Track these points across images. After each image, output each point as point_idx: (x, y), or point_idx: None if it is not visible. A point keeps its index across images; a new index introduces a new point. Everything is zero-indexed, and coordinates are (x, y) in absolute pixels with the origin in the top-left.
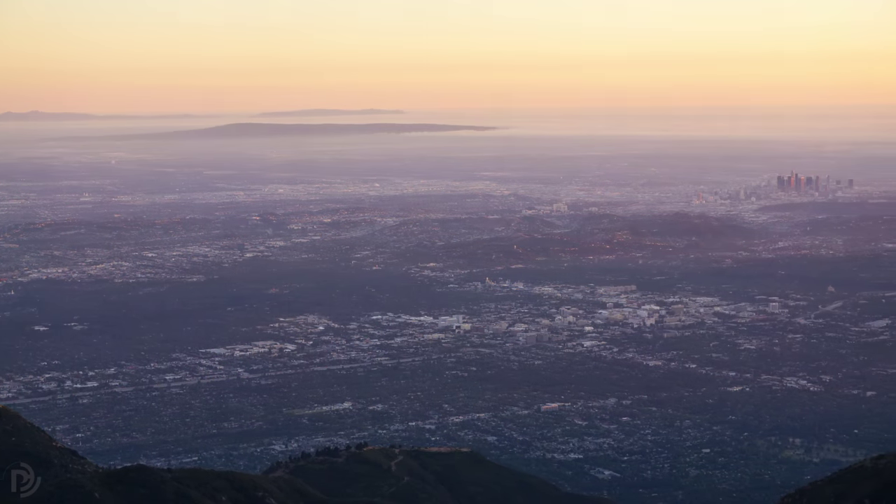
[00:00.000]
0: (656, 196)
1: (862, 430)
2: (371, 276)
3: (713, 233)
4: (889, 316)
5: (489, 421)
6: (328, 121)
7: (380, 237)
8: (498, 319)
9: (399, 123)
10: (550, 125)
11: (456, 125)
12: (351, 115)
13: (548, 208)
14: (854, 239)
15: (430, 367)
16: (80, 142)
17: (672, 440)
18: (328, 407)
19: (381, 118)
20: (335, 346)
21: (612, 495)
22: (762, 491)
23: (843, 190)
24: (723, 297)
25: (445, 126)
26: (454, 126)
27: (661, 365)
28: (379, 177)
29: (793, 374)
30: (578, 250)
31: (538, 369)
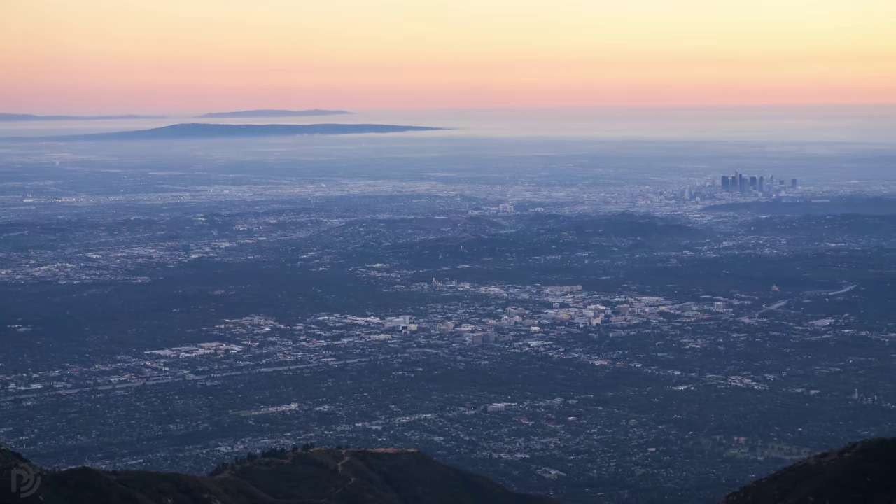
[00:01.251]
0: (602, 196)
1: (806, 429)
2: (317, 277)
3: (658, 233)
4: (832, 315)
5: (436, 421)
6: (273, 122)
7: (326, 238)
8: (444, 320)
9: (345, 124)
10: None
11: (402, 125)
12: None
13: (494, 209)
14: (797, 238)
15: (376, 368)
16: (22, 143)
17: (618, 439)
18: (274, 408)
19: (326, 119)
20: (281, 348)
21: (558, 495)
22: (707, 489)
23: (786, 190)
24: (668, 296)
25: (391, 126)
26: (400, 126)
27: (606, 364)
28: (325, 177)
29: (737, 372)
30: (525, 250)
31: (485, 369)
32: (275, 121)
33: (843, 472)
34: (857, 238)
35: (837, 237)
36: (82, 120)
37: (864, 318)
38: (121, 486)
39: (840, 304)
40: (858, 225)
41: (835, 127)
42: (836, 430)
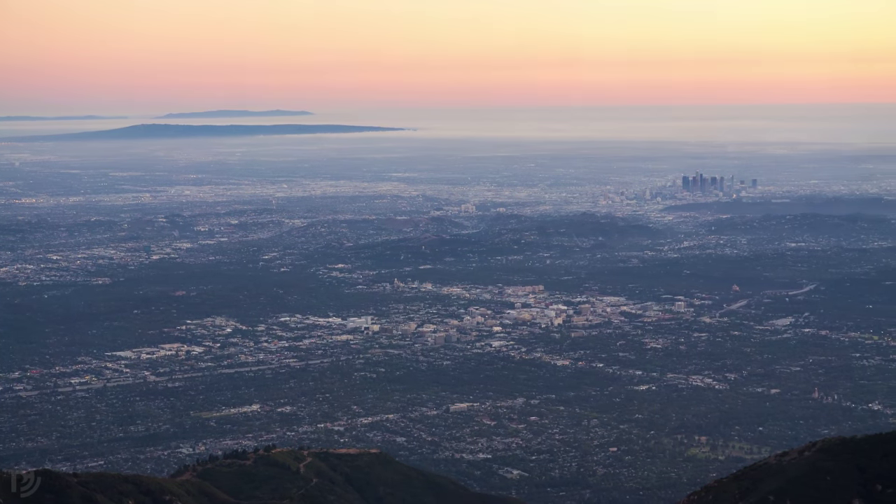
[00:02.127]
0: (563, 196)
1: (766, 428)
2: (279, 278)
3: (619, 233)
4: (792, 314)
5: (398, 422)
6: (235, 122)
7: (287, 238)
8: (406, 320)
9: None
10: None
11: (364, 126)
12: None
13: (456, 209)
14: (758, 238)
15: (338, 369)
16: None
17: (579, 439)
18: (236, 409)
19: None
20: (243, 349)
21: (520, 495)
22: (668, 489)
23: (746, 190)
24: (629, 296)
25: (353, 127)
26: (362, 127)
27: (568, 364)
28: (287, 178)
29: (698, 372)
30: (486, 251)
31: (447, 370)
32: (236, 121)
33: (804, 470)
34: (816, 238)
35: (797, 237)
36: (42, 121)
37: (824, 317)
38: (81, 488)
39: (800, 304)
40: (818, 225)
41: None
42: (797, 429)
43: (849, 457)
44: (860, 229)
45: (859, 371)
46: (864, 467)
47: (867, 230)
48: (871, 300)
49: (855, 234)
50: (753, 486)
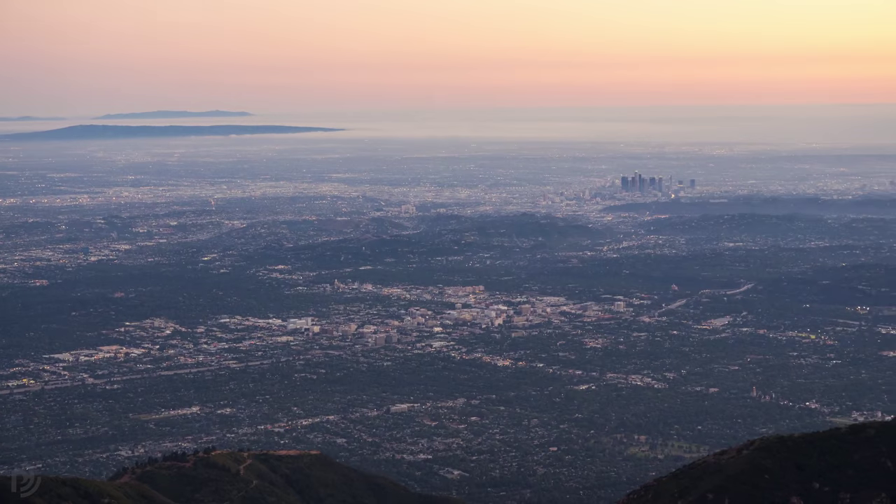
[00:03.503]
0: (503, 197)
1: (705, 427)
2: (218, 279)
3: (559, 233)
4: (730, 314)
5: (338, 423)
6: (173, 122)
7: (227, 240)
8: (347, 321)
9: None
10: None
11: (304, 127)
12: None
13: (396, 210)
14: (696, 238)
15: (278, 370)
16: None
17: (520, 439)
18: (175, 412)
19: (227, 120)
20: (182, 350)
21: (461, 495)
22: (608, 488)
23: (685, 190)
24: (569, 296)
25: (293, 128)
26: (303, 128)
27: (509, 364)
28: (226, 179)
29: (638, 371)
30: (427, 251)
31: (387, 370)
32: (175, 122)
33: (742, 469)
34: (754, 237)
35: (735, 237)
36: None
37: (762, 316)
38: None
39: (738, 303)
40: (755, 224)
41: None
42: (735, 428)
43: (787, 455)
44: (797, 229)
45: (796, 370)
46: (802, 465)
47: (804, 230)
48: (808, 299)
49: (792, 234)
50: (692, 484)
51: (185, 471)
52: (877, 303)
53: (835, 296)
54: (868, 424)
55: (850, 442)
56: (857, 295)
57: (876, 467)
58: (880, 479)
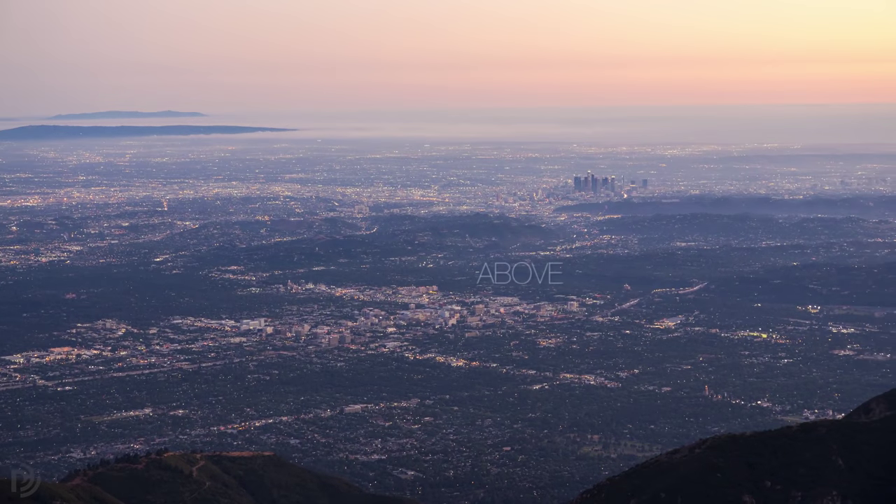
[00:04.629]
0: (457, 197)
1: (658, 426)
2: (171, 280)
3: (512, 233)
4: (682, 313)
5: (292, 424)
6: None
7: (179, 240)
8: (300, 322)
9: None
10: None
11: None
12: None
13: (350, 210)
14: (648, 238)
15: (231, 371)
16: None
17: (474, 439)
18: (128, 413)
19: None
20: (135, 352)
21: (414, 495)
22: (561, 487)
23: (637, 190)
24: (522, 296)
25: (246, 128)
26: (255, 128)
27: (462, 365)
28: (178, 179)
29: (591, 371)
30: (380, 252)
31: (341, 371)
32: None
33: (695, 467)
34: (706, 237)
35: (687, 236)
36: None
37: (714, 315)
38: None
39: (690, 303)
40: (707, 224)
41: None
42: (687, 427)
43: (738, 453)
44: (749, 229)
45: (748, 369)
46: (753, 464)
47: (755, 229)
48: (760, 298)
49: (744, 234)
50: (645, 483)
51: (138, 472)
52: (827, 302)
53: (786, 295)
54: (819, 423)
55: (801, 440)
56: (808, 294)
57: (827, 465)
58: (831, 477)
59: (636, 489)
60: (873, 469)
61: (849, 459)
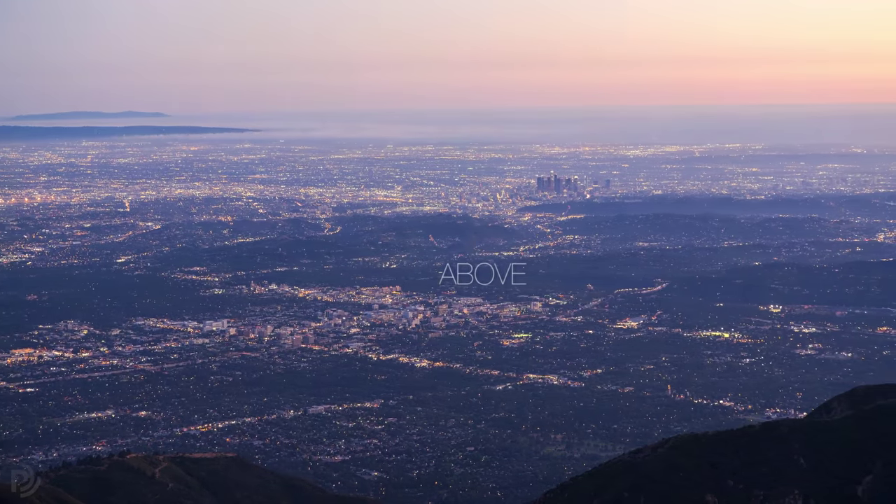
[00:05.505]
0: (419, 198)
1: (620, 425)
2: (133, 281)
3: (476, 233)
4: (644, 313)
5: (255, 425)
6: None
7: (142, 241)
8: (263, 323)
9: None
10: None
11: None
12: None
13: (312, 211)
14: (611, 238)
15: (194, 372)
16: None
17: (437, 439)
18: (90, 415)
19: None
20: (97, 353)
21: (378, 496)
22: (524, 487)
23: (600, 190)
24: (486, 296)
25: (210, 129)
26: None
27: (426, 365)
28: (140, 180)
29: (554, 371)
30: (344, 252)
31: (304, 372)
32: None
33: (657, 467)
34: (668, 237)
35: (649, 236)
36: None
37: (676, 315)
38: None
39: (653, 302)
40: (670, 224)
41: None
42: (650, 427)
43: (701, 453)
44: (711, 228)
45: (710, 368)
46: (715, 463)
47: (718, 229)
48: (722, 298)
49: (706, 234)
50: (608, 483)
51: (100, 474)
52: (789, 301)
53: (748, 295)
54: (781, 422)
55: (763, 440)
56: (770, 294)
57: (789, 465)
58: (793, 477)
59: (599, 489)
60: (835, 468)
61: (811, 459)
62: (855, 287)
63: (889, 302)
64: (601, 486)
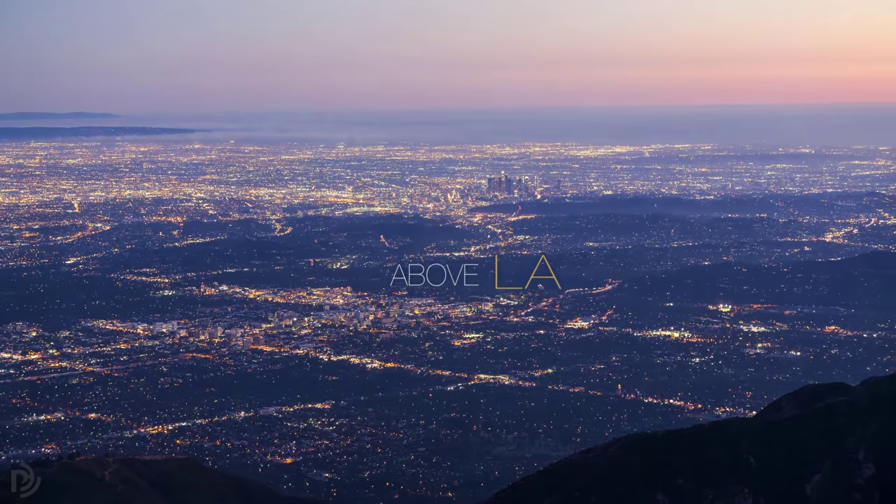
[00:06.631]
0: (370, 198)
1: (571, 425)
2: (83, 283)
3: (427, 234)
4: (596, 312)
5: (206, 427)
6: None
7: (91, 243)
8: (214, 324)
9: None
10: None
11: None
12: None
13: (263, 211)
14: (562, 238)
15: (144, 374)
16: None
17: (389, 440)
18: (39, 417)
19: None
20: (46, 355)
21: (329, 496)
22: (475, 487)
23: (551, 191)
24: (437, 297)
25: (161, 129)
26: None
27: (378, 366)
28: (90, 181)
29: (506, 371)
30: (294, 253)
31: (255, 373)
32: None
33: (608, 466)
34: (618, 237)
35: (600, 236)
36: None
37: (627, 315)
38: None
39: (603, 302)
40: (620, 224)
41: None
42: (601, 426)
43: (651, 452)
44: (661, 228)
45: (660, 367)
46: (666, 462)
47: (667, 229)
48: (672, 298)
49: (656, 233)
50: (559, 482)
51: (48, 476)
52: (739, 301)
53: (698, 294)
54: (731, 421)
55: (713, 439)
56: (719, 293)
57: (739, 463)
58: (743, 475)
59: (550, 488)
60: (784, 467)
61: (760, 457)
62: (803, 286)
63: (837, 301)
64: (552, 486)
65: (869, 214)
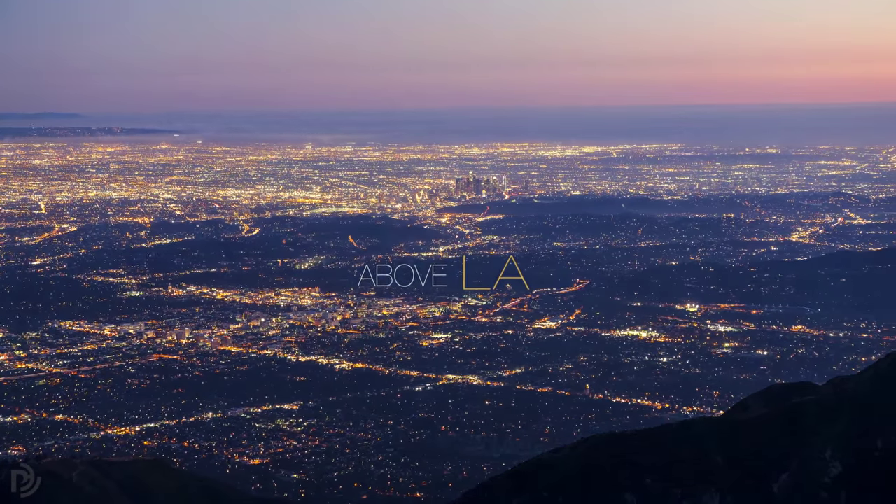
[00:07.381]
0: (339, 199)
1: (539, 425)
2: (49, 284)
3: (395, 234)
4: (564, 312)
5: (174, 428)
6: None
7: (58, 244)
8: (181, 325)
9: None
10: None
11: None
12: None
13: (231, 212)
14: (530, 238)
15: (111, 375)
16: None
17: (357, 440)
18: (6, 419)
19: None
20: (13, 356)
21: (298, 498)
22: (444, 487)
23: (519, 191)
24: (406, 297)
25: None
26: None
27: (346, 367)
28: (56, 182)
29: (474, 371)
30: (262, 254)
31: (223, 374)
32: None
33: (576, 466)
34: (587, 237)
35: (568, 236)
36: None
37: (595, 315)
38: None
39: (571, 302)
40: (588, 224)
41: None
42: (569, 426)
43: (619, 452)
44: (629, 228)
45: (628, 367)
46: (634, 462)
47: (635, 229)
48: (640, 298)
49: (624, 233)
50: (527, 482)
51: None
52: (706, 301)
53: (666, 294)
54: (698, 420)
55: (681, 438)
56: (687, 293)
57: (706, 463)
58: (711, 475)
59: (518, 488)
60: (751, 466)
61: (728, 456)
62: (770, 286)
63: (804, 300)
64: (520, 486)
65: (835, 214)
